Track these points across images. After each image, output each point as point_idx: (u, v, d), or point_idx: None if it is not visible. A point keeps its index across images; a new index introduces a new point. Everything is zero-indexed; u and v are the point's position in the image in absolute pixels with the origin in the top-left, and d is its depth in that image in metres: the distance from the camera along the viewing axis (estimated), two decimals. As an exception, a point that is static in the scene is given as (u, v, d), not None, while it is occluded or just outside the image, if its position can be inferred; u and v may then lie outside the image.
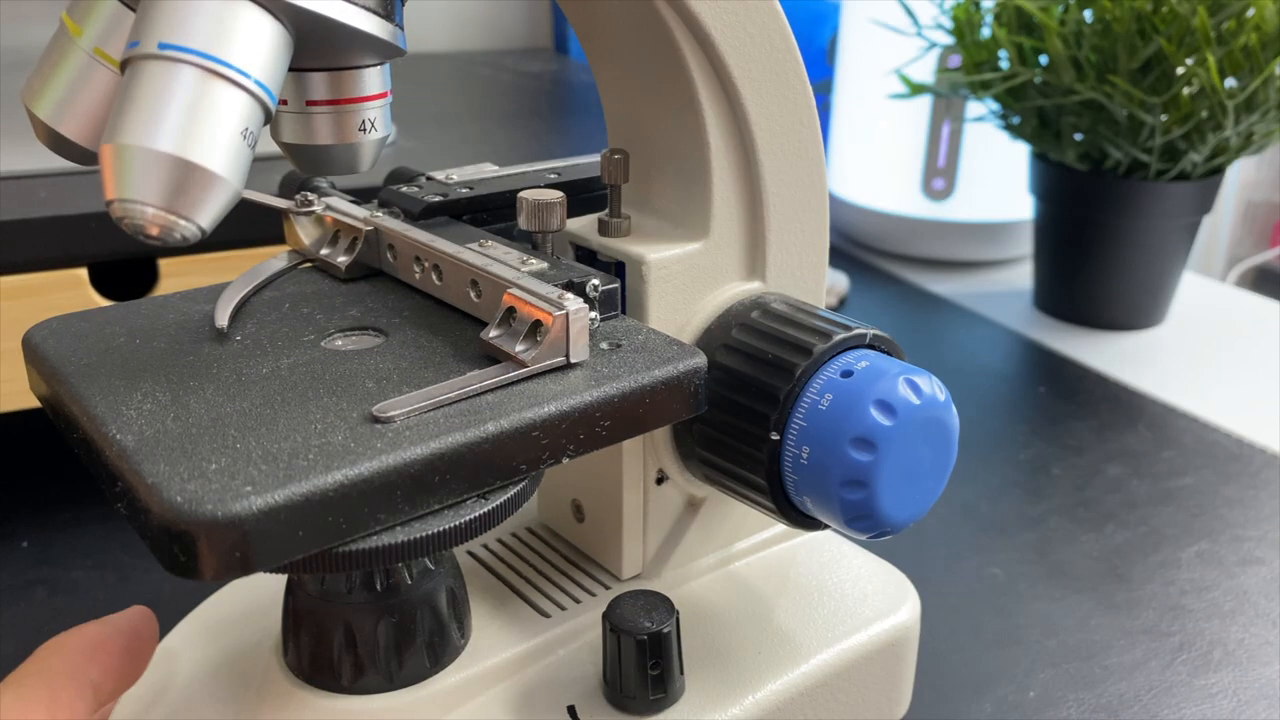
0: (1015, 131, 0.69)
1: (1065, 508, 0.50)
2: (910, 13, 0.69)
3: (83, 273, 0.42)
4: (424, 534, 0.22)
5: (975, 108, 0.72)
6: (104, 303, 0.43)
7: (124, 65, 0.22)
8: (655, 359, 0.26)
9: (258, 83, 0.22)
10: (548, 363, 0.25)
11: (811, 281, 0.33)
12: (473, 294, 0.28)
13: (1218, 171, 0.66)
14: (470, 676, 0.29)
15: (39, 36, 0.27)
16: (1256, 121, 0.61)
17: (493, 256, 0.28)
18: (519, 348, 0.25)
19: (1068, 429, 0.57)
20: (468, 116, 0.65)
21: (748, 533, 0.35)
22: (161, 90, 0.21)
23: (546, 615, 0.31)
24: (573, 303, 0.25)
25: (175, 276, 0.43)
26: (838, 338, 0.28)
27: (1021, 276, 0.79)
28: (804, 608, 0.34)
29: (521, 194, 0.29)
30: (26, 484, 0.51)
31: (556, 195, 0.29)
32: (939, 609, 0.42)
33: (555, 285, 0.26)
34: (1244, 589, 0.44)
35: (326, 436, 0.22)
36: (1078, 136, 0.65)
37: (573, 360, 0.25)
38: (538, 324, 0.25)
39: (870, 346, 0.29)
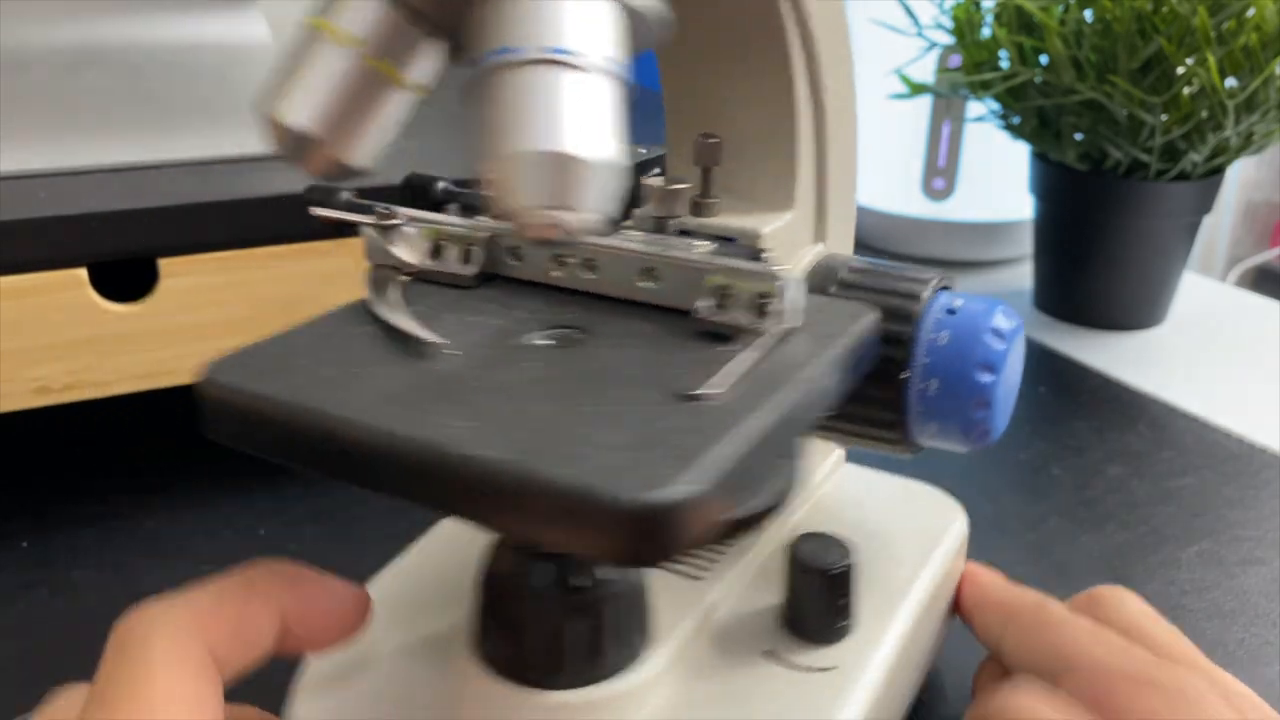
0: (1015, 131, 0.69)
1: (1065, 508, 0.50)
2: (910, 13, 0.69)
3: (82, 273, 0.42)
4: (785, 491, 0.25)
5: (975, 108, 0.72)
6: (104, 303, 0.43)
7: (484, 75, 0.23)
8: (844, 316, 0.28)
9: (620, 67, 0.23)
10: (783, 327, 0.26)
11: (849, 240, 0.37)
12: (646, 281, 0.29)
13: (1218, 171, 0.66)
14: (670, 651, 0.30)
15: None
16: (1256, 121, 0.61)
17: (658, 243, 0.29)
18: (746, 320, 0.27)
19: (1068, 429, 0.57)
20: (468, 116, 0.65)
21: (809, 472, 0.38)
22: (545, 93, 0.22)
23: (698, 579, 0.33)
24: (787, 271, 0.27)
25: (176, 276, 0.43)
26: (933, 282, 0.32)
27: (1021, 276, 0.79)
28: (890, 531, 0.37)
29: (647, 181, 0.30)
30: (26, 484, 0.51)
31: (685, 182, 0.30)
32: (939, 609, 0.42)
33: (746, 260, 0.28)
34: (1244, 589, 0.44)
35: (673, 420, 0.22)
36: (1078, 136, 0.65)
37: (797, 325, 0.27)
38: (763, 295, 0.27)
39: (943, 288, 0.33)
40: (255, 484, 0.51)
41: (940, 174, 0.78)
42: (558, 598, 0.27)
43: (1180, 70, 0.59)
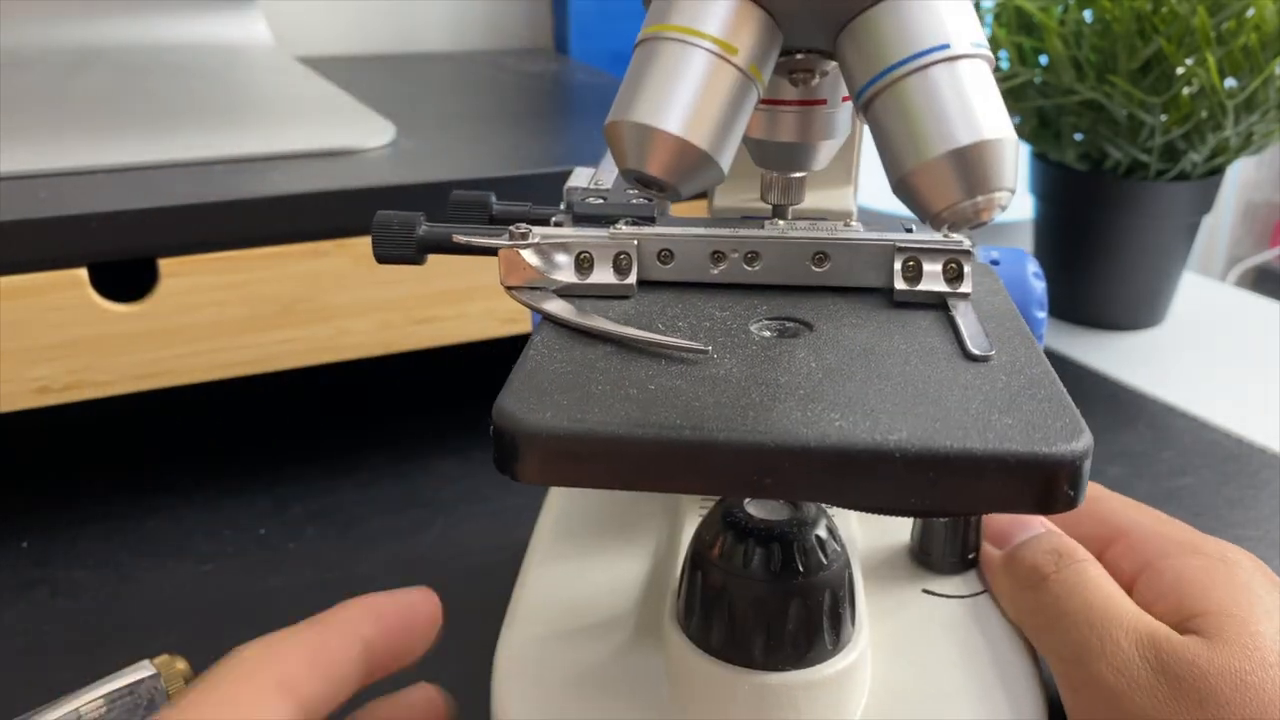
0: (1015, 131, 0.69)
1: (1065, 508, 0.50)
2: (910, 13, 0.69)
3: (82, 273, 0.42)
4: None
5: (975, 108, 0.72)
6: (104, 303, 0.43)
7: (879, 91, 0.24)
8: (982, 273, 0.31)
9: (986, 47, 0.25)
10: (970, 289, 0.29)
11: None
12: (814, 266, 0.30)
13: (1218, 171, 0.66)
14: (864, 616, 0.31)
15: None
16: (1256, 121, 0.61)
17: (817, 228, 0.30)
18: (941, 288, 0.29)
19: (1068, 429, 0.57)
20: (468, 116, 0.65)
21: None
22: (946, 91, 0.23)
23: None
24: (964, 240, 0.29)
25: (175, 276, 0.43)
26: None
27: (1021, 276, 0.79)
28: None
29: (767, 173, 0.31)
30: (26, 484, 0.51)
31: (802, 172, 0.31)
32: (939, 609, 0.42)
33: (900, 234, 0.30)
34: (1244, 589, 0.44)
35: (992, 382, 0.25)
36: (1078, 136, 0.65)
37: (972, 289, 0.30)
38: (954, 264, 0.29)
39: None
40: (255, 484, 0.51)
41: (940, 174, 0.78)
42: (789, 582, 0.28)
43: (1180, 70, 0.59)
